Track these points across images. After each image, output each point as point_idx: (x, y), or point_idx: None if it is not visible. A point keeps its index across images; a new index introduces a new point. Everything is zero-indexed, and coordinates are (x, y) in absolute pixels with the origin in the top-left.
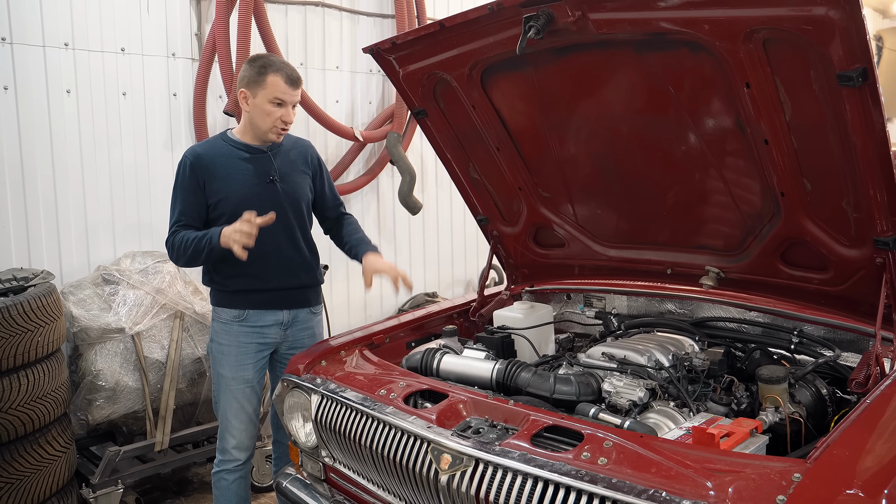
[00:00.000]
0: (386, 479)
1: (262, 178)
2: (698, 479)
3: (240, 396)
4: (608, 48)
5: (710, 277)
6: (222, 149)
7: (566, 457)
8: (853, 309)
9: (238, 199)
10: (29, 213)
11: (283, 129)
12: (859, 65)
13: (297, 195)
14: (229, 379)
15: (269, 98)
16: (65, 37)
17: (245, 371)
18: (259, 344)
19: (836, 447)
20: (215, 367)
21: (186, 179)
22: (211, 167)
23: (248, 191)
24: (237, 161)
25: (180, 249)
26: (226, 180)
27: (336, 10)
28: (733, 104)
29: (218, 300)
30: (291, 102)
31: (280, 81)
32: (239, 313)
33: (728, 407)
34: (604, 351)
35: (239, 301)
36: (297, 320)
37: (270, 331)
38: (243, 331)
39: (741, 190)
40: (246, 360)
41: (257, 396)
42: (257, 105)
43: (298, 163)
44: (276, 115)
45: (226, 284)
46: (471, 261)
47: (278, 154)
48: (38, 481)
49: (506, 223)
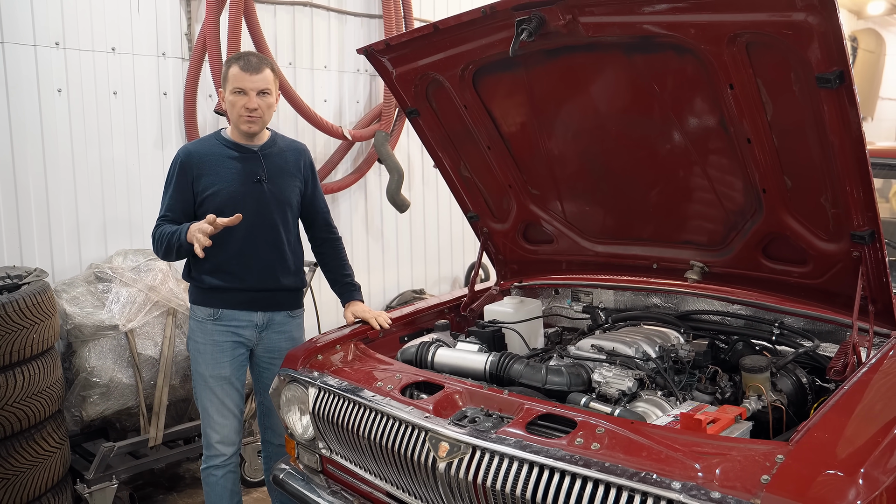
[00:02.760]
0: (384, 468)
1: (249, 177)
2: (687, 461)
3: (219, 392)
4: (597, 50)
5: (695, 272)
6: (213, 147)
7: (560, 443)
8: (831, 301)
9: (224, 198)
10: (21, 212)
11: (250, 117)
12: (836, 67)
13: (283, 197)
14: (207, 377)
15: (231, 89)
16: (56, 36)
17: (222, 369)
18: (234, 342)
19: (816, 430)
20: (193, 364)
21: (176, 176)
22: (200, 165)
23: (234, 189)
24: (226, 160)
25: (158, 242)
26: (213, 178)
27: (324, 10)
28: (717, 104)
29: (194, 298)
30: (253, 89)
31: (237, 70)
32: (213, 312)
33: (713, 396)
34: (593, 343)
35: (213, 300)
36: (272, 323)
37: (245, 331)
38: (217, 329)
39: (724, 187)
40: (222, 357)
41: (238, 392)
42: (226, 99)
43: (290, 166)
44: (240, 104)
45: (202, 280)
46: (457, 258)
47: (269, 155)
48: (33, 477)
49: (496, 220)
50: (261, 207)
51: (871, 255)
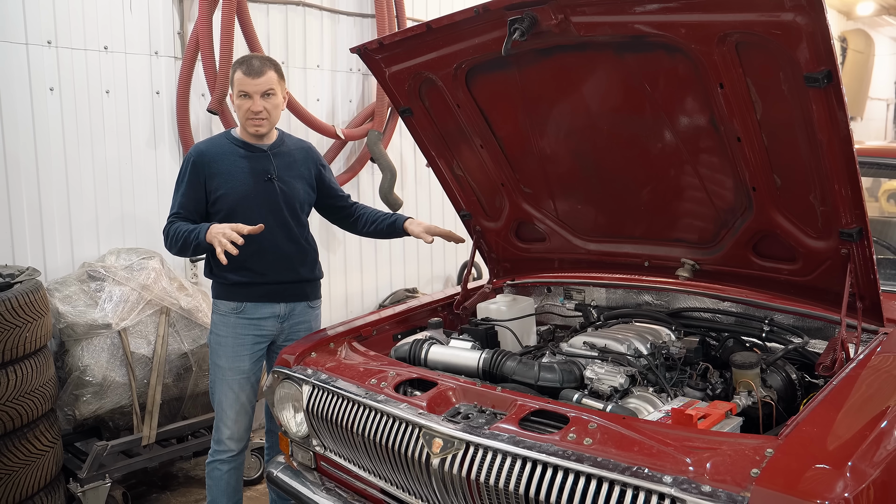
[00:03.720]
0: (378, 464)
1: (260, 176)
2: (678, 455)
3: (235, 387)
4: (589, 50)
5: (686, 269)
6: (224, 147)
7: (553, 438)
8: (820, 298)
9: (236, 197)
10: (13, 211)
11: (256, 120)
12: (825, 67)
13: (294, 195)
14: (226, 370)
15: (237, 92)
16: (48, 34)
17: (241, 362)
18: (256, 336)
19: (805, 425)
20: (213, 357)
21: (188, 175)
22: (212, 164)
23: (246, 189)
24: (237, 159)
25: (173, 239)
26: (225, 178)
27: (317, 9)
28: (707, 103)
29: (217, 292)
30: (256, 92)
31: (241, 74)
32: (237, 305)
33: (704, 392)
34: (585, 340)
35: (236, 294)
36: (293, 313)
37: (267, 323)
38: (240, 322)
39: (715, 185)
40: (242, 351)
41: (252, 388)
42: (234, 102)
43: (299, 164)
44: (245, 107)
45: (225, 277)
46: (449, 258)
47: (279, 154)
48: (26, 476)
49: (488, 219)
50: (273, 205)
51: (859, 252)
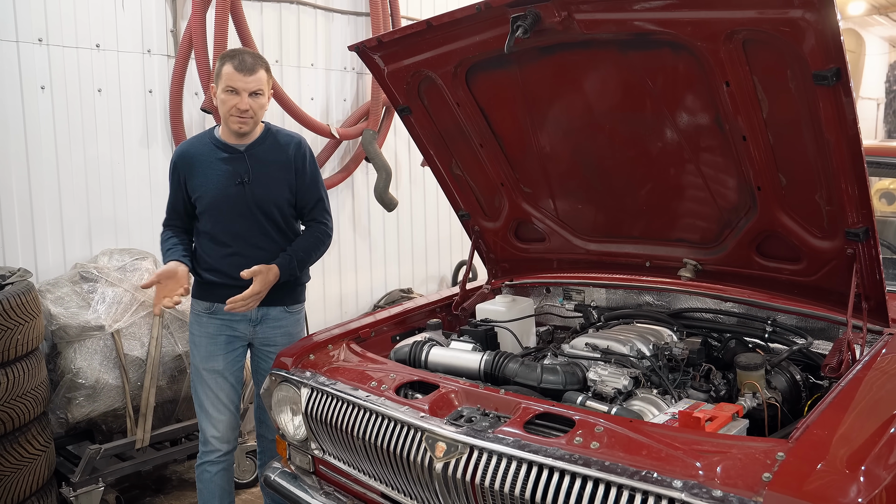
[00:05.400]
0: (379, 468)
1: (231, 179)
2: (688, 459)
3: (213, 386)
4: (592, 47)
5: (688, 269)
6: (204, 147)
7: (559, 442)
8: (825, 298)
9: (209, 200)
10: (3, 211)
11: (241, 118)
12: (833, 65)
13: (267, 197)
14: (201, 369)
15: (223, 87)
16: (39, 32)
17: (215, 362)
18: (229, 336)
19: (815, 427)
20: (191, 357)
21: (171, 177)
22: (190, 166)
23: (218, 192)
24: (214, 161)
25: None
26: (201, 180)
27: (311, 7)
28: (713, 102)
29: (194, 292)
30: (245, 90)
31: (230, 69)
32: (209, 306)
33: (707, 394)
34: (587, 341)
35: (209, 294)
36: (267, 318)
37: (240, 325)
38: (213, 322)
39: (718, 185)
40: (216, 350)
41: (233, 388)
42: (218, 96)
43: (276, 163)
44: (230, 103)
45: (200, 276)
46: (444, 258)
47: (255, 154)
48: (18, 481)
49: (487, 218)
50: (243, 210)
51: (865, 252)
